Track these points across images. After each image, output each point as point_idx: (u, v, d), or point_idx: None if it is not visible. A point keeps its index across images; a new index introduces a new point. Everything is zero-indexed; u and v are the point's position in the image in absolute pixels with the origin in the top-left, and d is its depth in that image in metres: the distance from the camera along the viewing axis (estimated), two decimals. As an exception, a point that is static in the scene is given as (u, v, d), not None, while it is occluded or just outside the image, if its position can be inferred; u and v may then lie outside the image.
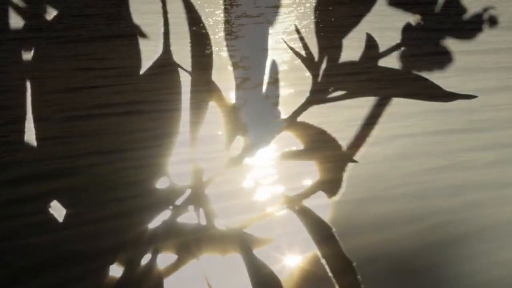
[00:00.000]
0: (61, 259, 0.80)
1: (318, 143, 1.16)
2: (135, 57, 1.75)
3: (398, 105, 1.37)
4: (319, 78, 1.48)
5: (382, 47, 1.68)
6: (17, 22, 2.21)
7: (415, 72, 1.56)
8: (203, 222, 0.89)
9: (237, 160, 1.08)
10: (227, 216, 0.90)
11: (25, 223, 0.88)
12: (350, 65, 1.59)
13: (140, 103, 1.39)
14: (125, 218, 0.89)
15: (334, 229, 0.86)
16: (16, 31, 2.11)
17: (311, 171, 1.05)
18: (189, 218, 0.90)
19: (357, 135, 1.19)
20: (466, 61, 1.72)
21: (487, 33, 2.05)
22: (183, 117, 1.30)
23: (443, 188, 0.98)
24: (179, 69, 1.54)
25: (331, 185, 1.00)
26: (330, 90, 1.41)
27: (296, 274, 0.78)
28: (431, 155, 1.11)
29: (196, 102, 1.36)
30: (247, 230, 0.87)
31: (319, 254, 0.81)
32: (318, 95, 1.39)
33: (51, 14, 2.52)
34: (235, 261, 0.80)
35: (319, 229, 0.87)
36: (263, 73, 1.57)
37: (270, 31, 2.26)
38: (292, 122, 1.25)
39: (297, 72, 1.65)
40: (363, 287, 0.76)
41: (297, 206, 0.93)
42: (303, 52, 1.59)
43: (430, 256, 0.80)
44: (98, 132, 1.22)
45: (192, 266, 0.79)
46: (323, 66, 1.54)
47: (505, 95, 1.45)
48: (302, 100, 1.36)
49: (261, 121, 1.26)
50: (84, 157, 1.10)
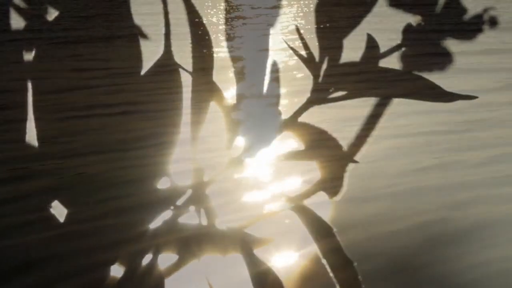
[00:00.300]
0: (53, 257, 0.80)
1: (318, 143, 1.16)
2: (136, 57, 1.76)
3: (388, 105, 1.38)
4: (320, 78, 1.48)
5: (382, 48, 1.69)
6: (18, 22, 2.21)
7: (415, 72, 1.56)
8: (204, 222, 0.89)
9: (238, 160, 1.08)
10: (228, 216, 0.90)
11: (24, 221, 0.88)
12: (350, 65, 1.59)
13: (141, 103, 1.39)
14: (125, 216, 0.89)
15: (335, 229, 0.86)
16: (16, 32, 2.11)
17: (311, 171, 1.05)
18: (190, 218, 0.90)
19: (358, 135, 1.19)
20: (459, 62, 1.73)
21: (485, 34, 2.05)
22: (184, 117, 1.30)
23: (434, 187, 0.99)
24: (180, 69, 1.55)
25: (332, 185, 1.00)
26: (330, 90, 1.41)
27: (296, 273, 0.78)
28: (422, 154, 1.12)
29: (197, 102, 1.36)
30: (248, 230, 0.87)
31: (319, 253, 0.81)
32: (318, 95, 1.39)
33: (52, 15, 2.52)
34: (236, 260, 0.80)
35: (319, 229, 0.87)
36: (263, 73, 1.57)
37: (270, 31, 2.26)
38: (292, 122, 1.25)
39: (298, 72, 1.66)
40: (363, 287, 0.76)
41: (298, 205, 0.93)
42: (303, 52, 1.59)
43: (422, 254, 0.81)
44: (98, 131, 1.23)
45: (193, 265, 0.79)
46: (324, 66, 1.54)
47: (497, 95, 1.46)
48: (302, 100, 1.36)
49: (262, 121, 1.26)
50: (84, 157, 1.10)
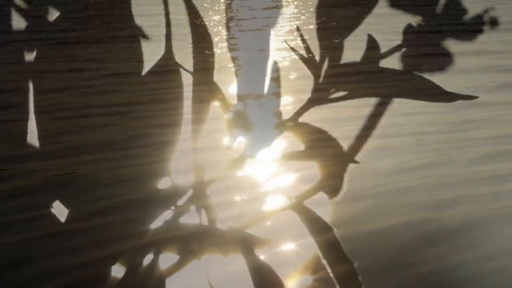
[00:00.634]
0: (41, 257, 0.80)
1: (318, 143, 1.16)
2: (137, 58, 1.76)
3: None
4: (321, 79, 1.48)
5: (383, 48, 1.69)
6: (19, 23, 2.21)
7: (415, 72, 1.56)
8: (205, 222, 0.89)
9: (239, 160, 1.08)
10: (229, 216, 0.90)
11: (22, 218, 0.88)
12: (351, 66, 1.59)
13: (142, 103, 1.39)
14: (125, 215, 0.89)
15: (335, 230, 0.86)
16: (17, 33, 2.11)
17: (311, 171, 1.05)
18: (191, 218, 0.90)
19: (358, 134, 1.19)
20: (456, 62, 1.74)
21: (484, 34, 2.05)
22: (184, 116, 1.30)
23: (422, 186, 0.99)
24: (181, 69, 1.55)
25: (332, 184, 1.00)
26: (331, 91, 1.41)
27: (296, 272, 0.78)
28: (414, 153, 1.12)
29: (197, 102, 1.36)
30: (249, 230, 0.87)
31: (319, 252, 0.81)
32: (319, 96, 1.39)
33: (52, 15, 2.52)
34: (237, 260, 0.80)
35: (319, 228, 0.87)
36: (264, 74, 1.57)
37: (271, 32, 2.27)
38: (293, 122, 1.26)
39: (298, 72, 1.66)
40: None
41: (298, 205, 0.93)
42: (304, 52, 1.59)
43: (410, 252, 0.81)
44: (98, 131, 1.23)
45: (193, 265, 0.79)
46: (325, 67, 1.54)
47: (491, 95, 1.46)
48: (303, 100, 1.37)
49: (263, 121, 1.26)
50: (84, 156, 1.11)
